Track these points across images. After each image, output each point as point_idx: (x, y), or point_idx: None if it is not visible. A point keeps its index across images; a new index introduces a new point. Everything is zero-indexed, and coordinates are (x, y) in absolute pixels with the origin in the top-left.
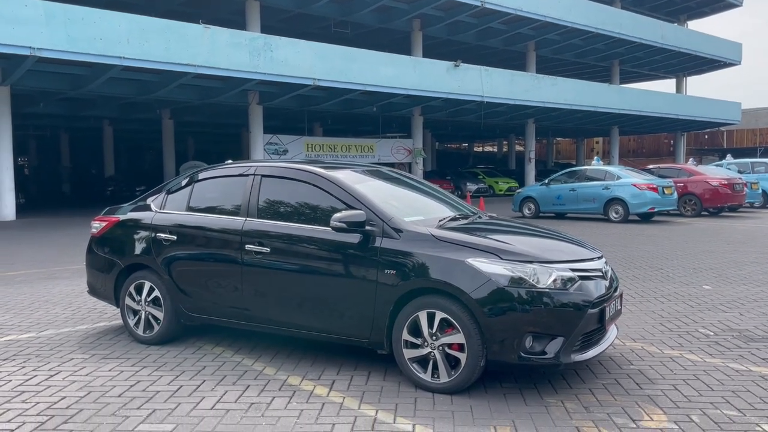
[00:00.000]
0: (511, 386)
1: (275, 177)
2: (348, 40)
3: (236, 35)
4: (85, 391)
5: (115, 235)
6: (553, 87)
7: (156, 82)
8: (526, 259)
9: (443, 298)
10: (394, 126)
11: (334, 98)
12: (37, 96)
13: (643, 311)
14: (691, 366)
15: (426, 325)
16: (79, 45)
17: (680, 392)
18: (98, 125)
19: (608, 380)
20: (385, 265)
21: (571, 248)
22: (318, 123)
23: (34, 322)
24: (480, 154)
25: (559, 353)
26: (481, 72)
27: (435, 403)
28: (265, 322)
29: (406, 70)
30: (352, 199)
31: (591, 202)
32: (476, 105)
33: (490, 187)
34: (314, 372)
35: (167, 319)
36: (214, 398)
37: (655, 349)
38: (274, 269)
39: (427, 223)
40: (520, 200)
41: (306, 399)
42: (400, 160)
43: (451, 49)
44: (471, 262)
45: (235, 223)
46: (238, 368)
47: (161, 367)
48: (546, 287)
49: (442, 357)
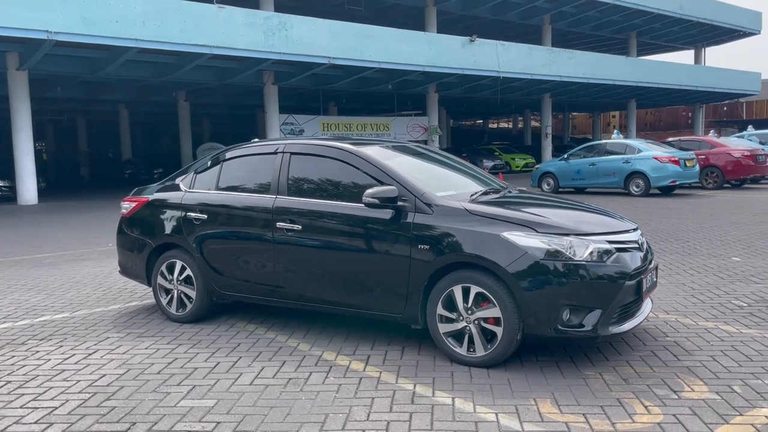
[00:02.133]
0: (547, 359)
1: (304, 154)
2: (361, 17)
3: (251, 15)
4: (125, 369)
5: (145, 215)
6: (570, 60)
7: (172, 64)
8: (562, 232)
9: (478, 272)
10: (410, 104)
11: (350, 76)
12: (55, 80)
13: (673, 284)
14: (728, 337)
15: (461, 300)
16: (95, 27)
17: (719, 363)
18: (114, 109)
19: (645, 352)
20: (418, 241)
21: (606, 220)
22: (333, 102)
23: (67, 302)
24: (495, 130)
25: (596, 326)
26: (497, 47)
27: (472, 377)
28: (297, 298)
29: (421, 47)
30: (383, 175)
31: (611, 176)
32: (492, 80)
33: (507, 163)
34: (348, 347)
35: (199, 297)
36: (252, 374)
37: (690, 321)
38: (306, 246)
39: (459, 198)
40: (538, 176)
41: (343, 374)
42: (415, 138)
43: (465, 24)
44: (506, 236)
45: (266, 200)
46: (272, 345)
47: (197, 344)
48: (583, 260)
49: (478, 331)
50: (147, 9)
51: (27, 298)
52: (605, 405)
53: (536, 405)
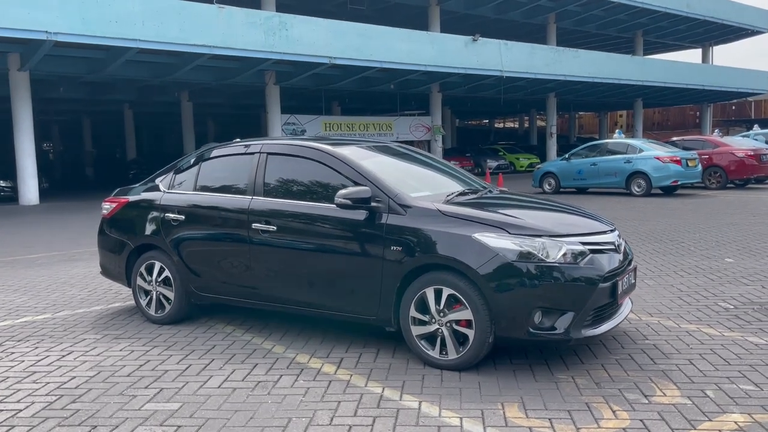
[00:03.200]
0: (521, 362)
1: (281, 155)
2: (364, 17)
3: (251, 15)
4: (95, 371)
5: (125, 216)
6: (575, 60)
7: (172, 64)
8: (534, 233)
9: (450, 274)
10: (413, 104)
11: (351, 76)
12: (58, 81)
13: (661, 285)
14: (708, 340)
15: (433, 302)
16: (94, 28)
17: (696, 366)
18: (119, 109)
19: (622, 355)
20: (391, 242)
21: (582, 221)
22: (336, 102)
23: (51, 303)
24: (501, 130)
25: (569, 328)
26: (500, 46)
27: (443, 380)
28: (273, 300)
29: (424, 46)
30: (357, 176)
31: (612, 176)
32: (496, 80)
33: (511, 163)
34: (323, 350)
35: (177, 299)
36: (221, 377)
37: (672, 324)
38: (281, 247)
39: (434, 199)
40: (540, 175)
41: (313, 377)
42: (418, 138)
43: (469, 23)
44: (478, 237)
45: (242, 201)
46: (247, 347)
47: (171, 346)
48: (555, 261)
49: (450, 333)
50: (146, 9)
51: (12, 299)
52: (573, 409)
53: (503, 409)
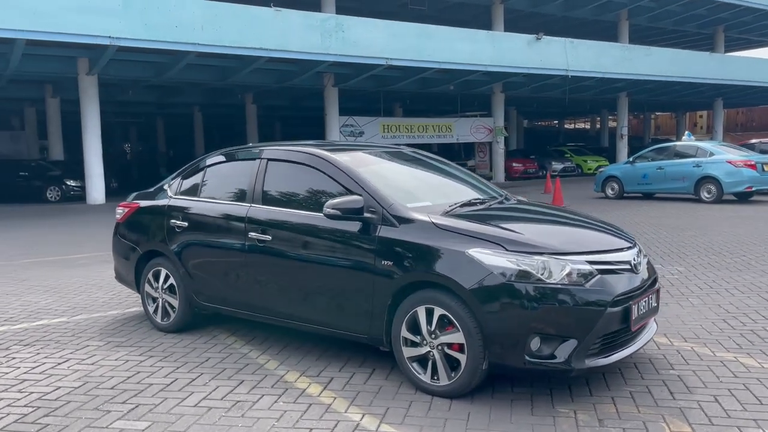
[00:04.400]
0: (523, 392)
1: (281, 161)
2: (425, 16)
3: (307, 17)
4: (82, 382)
5: (135, 221)
6: (647, 58)
7: (232, 67)
8: (535, 250)
9: (442, 292)
10: (476, 104)
11: (409, 77)
12: (126, 84)
13: (706, 305)
14: (744, 373)
15: (425, 322)
16: (155, 33)
17: (721, 405)
18: (189, 111)
19: (638, 387)
20: (382, 256)
21: (594, 237)
22: (398, 103)
23: (72, 306)
24: (571, 131)
25: (570, 357)
26: (565, 44)
27: (430, 409)
28: (267, 313)
29: (484, 46)
30: (353, 184)
31: (680, 180)
32: (561, 79)
33: (578, 166)
34: (317, 368)
35: (182, 307)
36: (202, 394)
37: (707, 351)
38: (276, 258)
39: (433, 210)
40: (602, 180)
41: (295, 399)
42: (479, 140)
43: (534, 22)
44: (471, 254)
45: (241, 209)
46: (241, 361)
47: (167, 357)
48: (556, 282)
49: (442, 357)
50: (205, 14)
51: (38, 301)
52: None
53: None
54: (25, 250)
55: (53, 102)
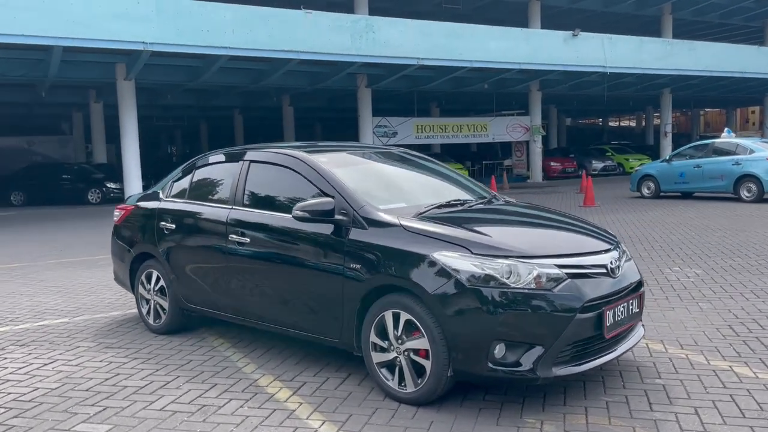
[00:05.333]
0: (495, 400)
1: (261, 163)
2: (460, 15)
3: (338, 19)
4: (61, 383)
5: (129, 224)
6: (690, 53)
7: (265, 70)
8: (501, 254)
9: (408, 296)
10: (514, 103)
11: (442, 77)
12: (164, 89)
13: (716, 310)
14: (734, 383)
15: (392, 327)
16: (187, 37)
17: (699, 418)
18: (229, 114)
19: (617, 397)
20: (351, 259)
21: (570, 239)
22: (434, 103)
23: (78, 306)
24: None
25: (536, 365)
26: (603, 40)
27: (393, 417)
28: (248, 316)
29: (518, 43)
30: (326, 185)
31: (719, 179)
32: (599, 76)
33: (620, 164)
34: (292, 372)
35: (171, 309)
36: (172, 397)
37: (701, 360)
38: (253, 261)
39: (406, 212)
40: (637, 179)
41: (261, 404)
42: (516, 139)
43: (573, 18)
44: (436, 257)
45: (223, 212)
46: (220, 364)
47: (150, 359)
48: (522, 286)
49: (408, 363)
50: (236, 17)
51: (47, 301)
52: None
53: None
54: (57, 251)
55: (96, 107)
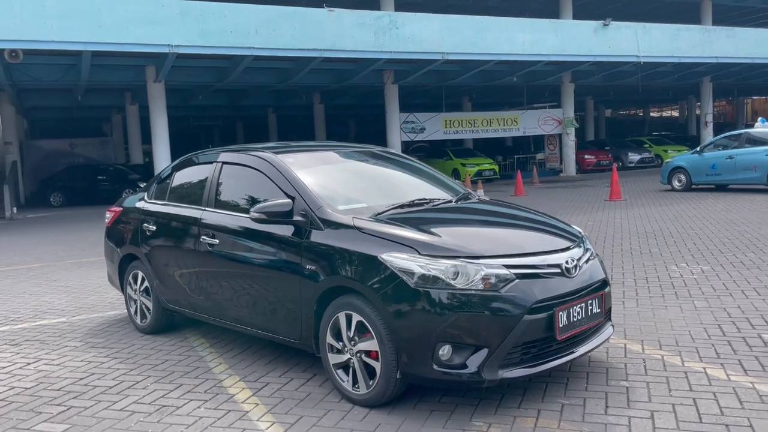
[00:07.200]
0: (450, 402)
1: (232, 164)
2: (489, 8)
3: (361, 16)
4: (35, 383)
5: (118, 225)
6: (730, 39)
7: (290, 68)
8: (448, 254)
9: (359, 298)
10: (547, 95)
11: (469, 71)
12: (194, 90)
13: (710, 308)
14: (703, 386)
15: (345, 329)
16: (211, 39)
17: (653, 422)
18: (263, 113)
19: (575, 399)
20: (308, 260)
21: (524, 238)
22: (466, 98)
23: (80, 306)
24: (657, 120)
25: (481, 368)
26: (636, 29)
27: (343, 419)
28: (220, 317)
29: (546, 35)
30: (288, 186)
31: (752, 170)
32: (633, 66)
33: (658, 156)
34: (259, 372)
35: (155, 309)
36: (135, 397)
37: (677, 361)
38: (221, 261)
39: (364, 212)
40: (668, 171)
41: (218, 405)
42: (548, 132)
43: (606, 8)
44: (384, 258)
45: (196, 213)
46: (192, 364)
47: (129, 359)
48: (468, 287)
49: (361, 365)
50: (259, 17)
51: (51, 301)
52: None
53: None
54: (79, 252)
55: (132, 108)
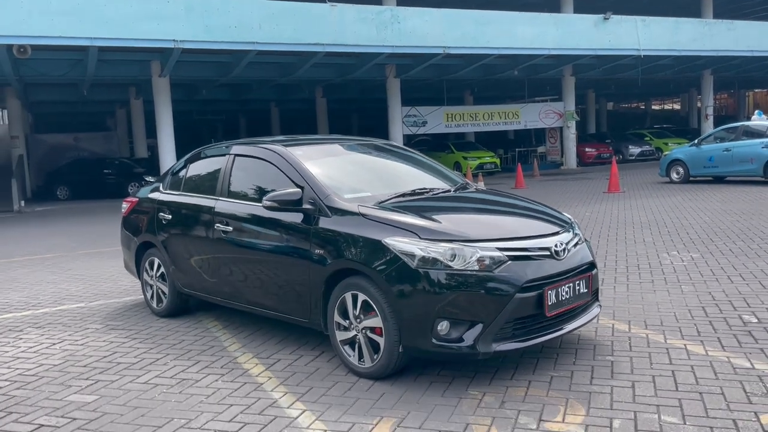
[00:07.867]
0: (448, 374)
1: (244, 156)
2: (490, 3)
3: (362, 10)
4: (61, 360)
5: (134, 215)
6: (729, 32)
7: (293, 63)
8: (445, 238)
9: (364, 279)
10: (548, 89)
11: (470, 65)
12: (199, 84)
13: (696, 292)
14: (682, 360)
15: (351, 307)
16: (215, 34)
17: (635, 390)
18: (266, 107)
19: (563, 372)
20: (317, 245)
21: (516, 224)
22: (468, 91)
23: (96, 293)
24: (659, 113)
25: (476, 341)
26: (636, 23)
27: (350, 389)
28: (234, 299)
29: (547, 29)
30: (297, 176)
31: (748, 162)
32: (633, 60)
33: (658, 149)
34: (271, 350)
35: (171, 293)
36: (156, 372)
37: (660, 339)
38: (236, 248)
39: (369, 200)
40: (666, 163)
41: (233, 378)
42: (549, 125)
43: (606, 2)
44: (387, 242)
45: (210, 202)
46: (209, 344)
47: (147, 339)
48: (464, 268)
49: (366, 341)
50: (262, 13)
51: (69, 288)
52: (448, 431)
53: (374, 425)
54: (90, 243)
55: (137, 103)
